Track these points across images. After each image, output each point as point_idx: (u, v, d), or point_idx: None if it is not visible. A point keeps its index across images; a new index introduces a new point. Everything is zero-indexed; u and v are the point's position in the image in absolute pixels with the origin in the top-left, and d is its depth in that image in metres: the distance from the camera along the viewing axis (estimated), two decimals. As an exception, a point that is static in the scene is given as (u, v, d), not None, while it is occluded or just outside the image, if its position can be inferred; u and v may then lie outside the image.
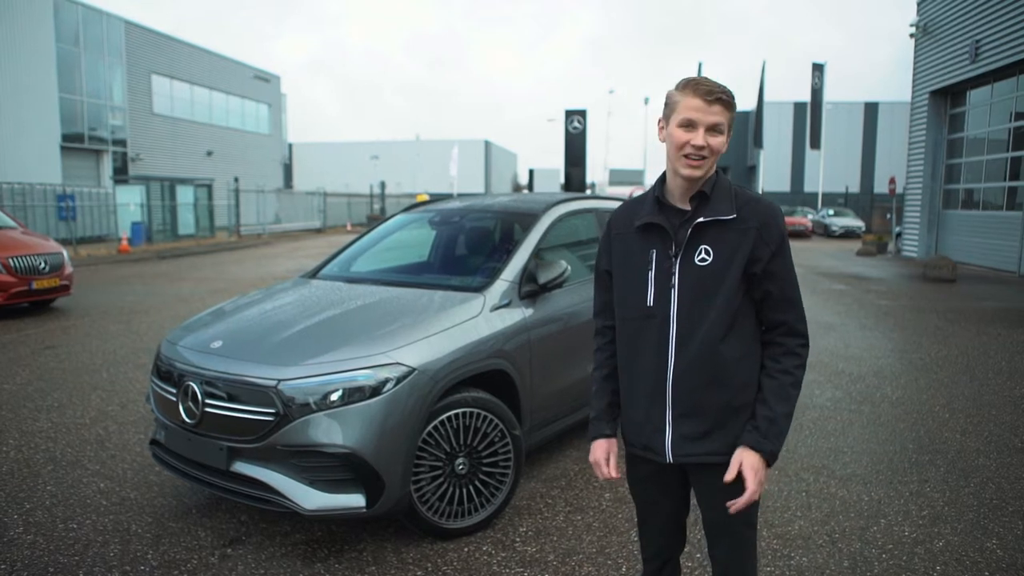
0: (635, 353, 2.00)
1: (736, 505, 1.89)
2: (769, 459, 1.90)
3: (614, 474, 2.09)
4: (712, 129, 1.86)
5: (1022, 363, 7.27)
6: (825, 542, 3.45)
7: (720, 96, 1.85)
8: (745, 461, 1.88)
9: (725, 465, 1.92)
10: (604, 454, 2.11)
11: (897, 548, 3.40)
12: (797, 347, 1.95)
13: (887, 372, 6.86)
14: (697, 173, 1.89)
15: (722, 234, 1.90)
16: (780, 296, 1.92)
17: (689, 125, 1.86)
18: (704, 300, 1.89)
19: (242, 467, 3.16)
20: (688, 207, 1.94)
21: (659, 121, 1.96)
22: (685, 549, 2.48)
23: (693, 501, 2.14)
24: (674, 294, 1.91)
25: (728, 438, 1.93)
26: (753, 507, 2.02)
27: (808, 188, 45.19)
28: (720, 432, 1.93)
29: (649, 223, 1.96)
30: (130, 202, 23.83)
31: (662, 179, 2.01)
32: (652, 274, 1.94)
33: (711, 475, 1.96)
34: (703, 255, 1.90)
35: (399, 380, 3.11)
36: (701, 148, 1.86)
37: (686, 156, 1.87)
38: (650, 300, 1.94)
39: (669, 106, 1.91)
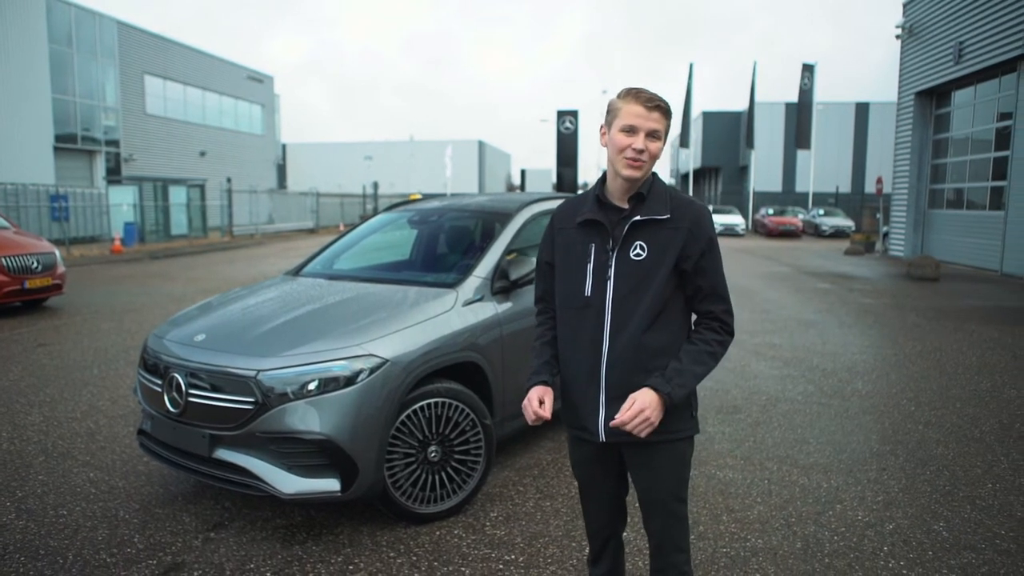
0: (573, 340, 2.17)
1: (615, 421, 1.98)
2: (665, 401, 2.00)
3: (545, 414, 2.14)
4: (651, 135, 2.04)
5: (992, 358, 7.47)
6: (781, 526, 3.63)
7: (659, 104, 2.03)
8: (637, 394, 1.99)
9: (656, 444, 2.09)
10: (538, 395, 2.16)
11: (849, 531, 3.57)
12: (720, 330, 2.12)
13: (860, 367, 7.05)
14: (636, 175, 2.06)
15: (656, 232, 2.07)
16: (710, 290, 2.10)
17: (630, 130, 2.04)
18: (637, 292, 2.06)
19: (224, 454, 3.32)
20: (626, 206, 2.11)
21: (601, 127, 2.13)
22: (629, 525, 2.64)
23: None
24: (610, 286, 2.08)
25: None
26: (682, 483, 2.19)
27: (799, 188, 45.45)
28: None
29: (589, 219, 2.13)
30: (123, 202, 23.91)
31: (602, 180, 2.18)
32: (591, 267, 2.11)
33: (643, 454, 2.14)
34: (638, 251, 2.07)
35: (372, 371, 3.28)
36: (641, 152, 2.03)
37: (627, 159, 2.04)
38: (588, 291, 2.11)
39: (611, 112, 2.09)
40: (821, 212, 36.27)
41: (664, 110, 2.05)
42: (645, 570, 3.17)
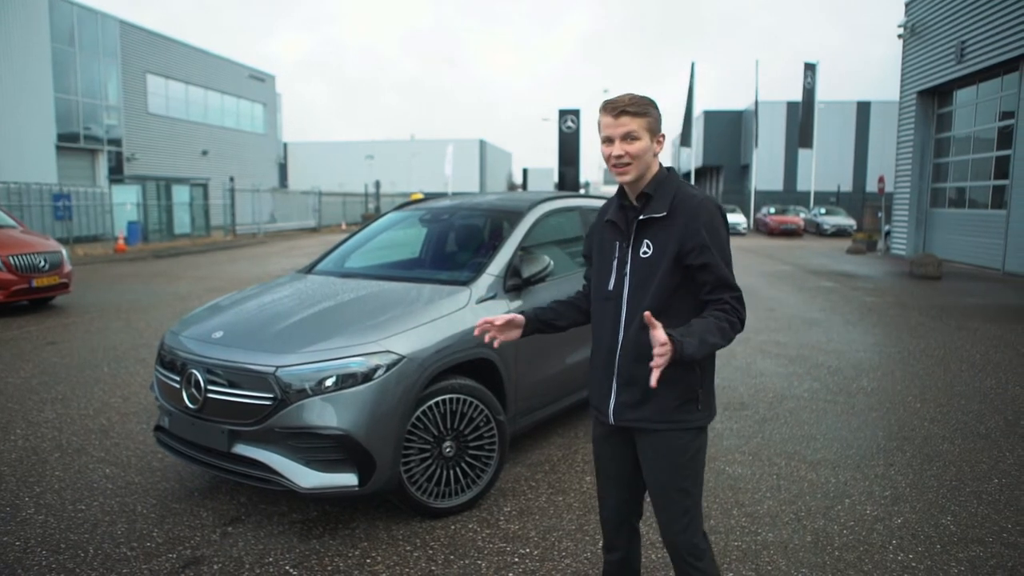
0: (598, 329, 2.34)
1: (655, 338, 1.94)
2: (678, 349, 1.95)
3: (487, 325, 2.49)
4: (625, 137, 2.14)
5: (996, 356, 7.51)
6: (791, 519, 3.68)
7: (624, 109, 2.13)
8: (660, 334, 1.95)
9: (659, 432, 2.20)
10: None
11: (858, 525, 3.62)
12: (731, 311, 2.11)
13: (865, 365, 7.09)
14: (626, 178, 2.18)
15: (659, 230, 2.18)
16: (717, 282, 2.13)
17: (607, 140, 2.18)
18: (644, 287, 2.18)
19: (242, 449, 3.36)
20: (638, 205, 2.24)
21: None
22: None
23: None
24: (626, 280, 2.22)
25: (659, 407, 2.18)
26: (685, 475, 2.22)
27: (801, 187, 45.45)
28: (653, 401, 2.18)
29: (609, 219, 2.30)
30: (126, 202, 23.94)
31: None
32: (615, 263, 2.26)
33: (647, 440, 2.24)
34: (645, 248, 2.19)
35: (389, 367, 3.32)
36: (620, 156, 2.15)
37: (612, 166, 2.19)
38: (611, 285, 2.26)
39: (598, 127, 2.21)
40: (823, 211, 36.31)
41: (631, 112, 2.12)
42: (661, 563, 3.22)
